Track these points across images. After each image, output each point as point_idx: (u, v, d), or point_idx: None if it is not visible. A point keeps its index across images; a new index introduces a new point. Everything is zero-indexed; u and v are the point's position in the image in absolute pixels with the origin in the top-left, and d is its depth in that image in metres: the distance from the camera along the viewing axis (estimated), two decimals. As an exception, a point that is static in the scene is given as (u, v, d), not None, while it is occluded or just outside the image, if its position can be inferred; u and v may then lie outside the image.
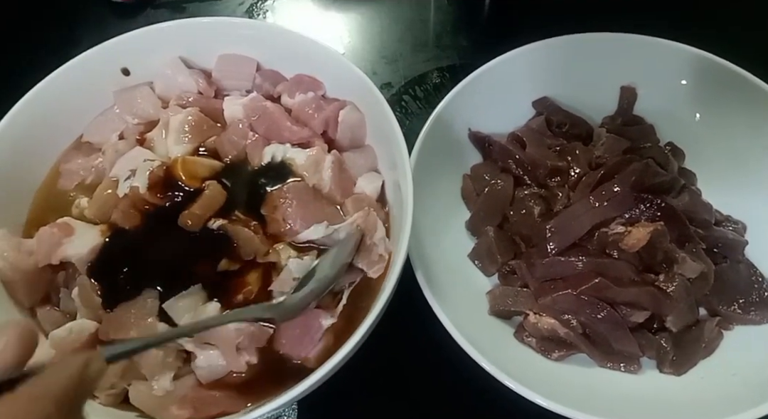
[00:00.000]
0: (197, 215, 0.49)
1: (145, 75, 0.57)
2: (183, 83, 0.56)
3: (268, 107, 0.54)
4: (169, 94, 0.56)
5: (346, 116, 0.53)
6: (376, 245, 0.49)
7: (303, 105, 0.54)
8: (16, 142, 0.51)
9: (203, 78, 0.56)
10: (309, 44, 0.54)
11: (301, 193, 0.51)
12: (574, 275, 0.53)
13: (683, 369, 0.52)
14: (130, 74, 0.56)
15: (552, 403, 0.46)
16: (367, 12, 0.79)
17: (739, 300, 0.55)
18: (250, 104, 0.54)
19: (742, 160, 0.61)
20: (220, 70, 0.57)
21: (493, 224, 0.59)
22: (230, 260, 0.49)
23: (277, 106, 0.55)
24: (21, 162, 0.52)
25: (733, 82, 0.61)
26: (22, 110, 0.51)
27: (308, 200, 0.51)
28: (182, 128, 0.53)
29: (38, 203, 0.53)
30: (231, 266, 0.49)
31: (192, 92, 0.56)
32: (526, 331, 0.55)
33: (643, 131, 0.64)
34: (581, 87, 0.65)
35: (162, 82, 0.56)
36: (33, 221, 0.52)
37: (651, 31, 0.63)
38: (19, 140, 0.51)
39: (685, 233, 0.55)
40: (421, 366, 0.56)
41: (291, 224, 0.50)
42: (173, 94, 0.56)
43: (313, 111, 0.54)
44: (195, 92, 0.56)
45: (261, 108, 0.54)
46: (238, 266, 0.49)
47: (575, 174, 0.60)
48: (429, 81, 0.74)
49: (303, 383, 0.41)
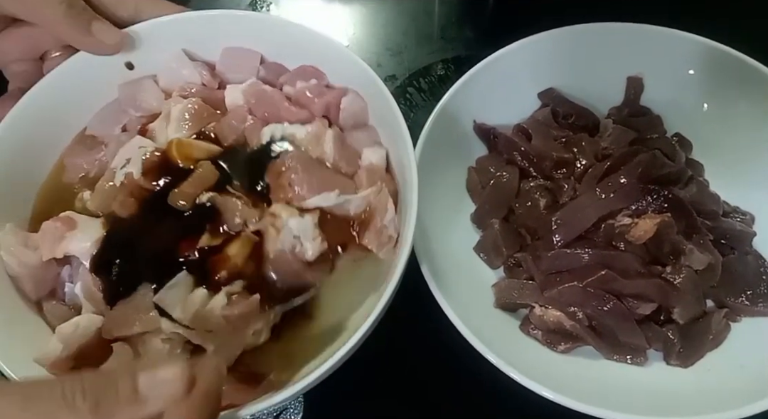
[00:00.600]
0: (187, 194, 0.48)
1: (150, 69, 0.57)
2: (187, 76, 0.55)
3: (266, 91, 0.53)
4: (173, 86, 0.56)
5: (348, 103, 0.53)
6: (386, 227, 0.48)
7: (303, 90, 0.53)
8: (21, 136, 0.51)
9: (207, 70, 0.56)
10: (313, 37, 0.53)
11: (306, 162, 0.50)
12: (580, 268, 0.53)
13: (690, 361, 0.52)
14: (134, 68, 0.56)
15: (558, 395, 0.46)
16: (372, 4, 0.79)
17: (746, 292, 0.54)
18: (249, 89, 0.54)
19: (751, 151, 0.60)
20: (224, 64, 0.57)
21: (499, 216, 0.59)
22: (212, 234, 0.47)
23: (276, 90, 0.55)
24: (26, 156, 0.52)
25: (742, 72, 0.60)
26: (26, 105, 0.51)
27: (314, 168, 0.49)
28: (182, 116, 0.52)
29: (43, 197, 0.53)
30: (213, 241, 0.47)
31: (195, 84, 0.56)
32: (531, 324, 0.55)
33: (650, 122, 0.63)
34: (587, 78, 0.65)
35: (166, 76, 0.56)
36: (39, 216, 0.52)
37: (658, 20, 0.62)
38: (24, 135, 0.51)
39: (692, 225, 0.54)
40: (426, 358, 0.56)
41: (298, 189, 0.48)
42: (177, 87, 0.56)
43: (313, 95, 0.53)
44: (199, 84, 0.56)
45: (259, 92, 0.53)
46: (221, 240, 0.47)
47: (581, 166, 0.59)
48: (434, 73, 0.73)
49: (309, 375, 0.41)
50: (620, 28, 0.63)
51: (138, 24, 0.54)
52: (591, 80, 0.65)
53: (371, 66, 0.51)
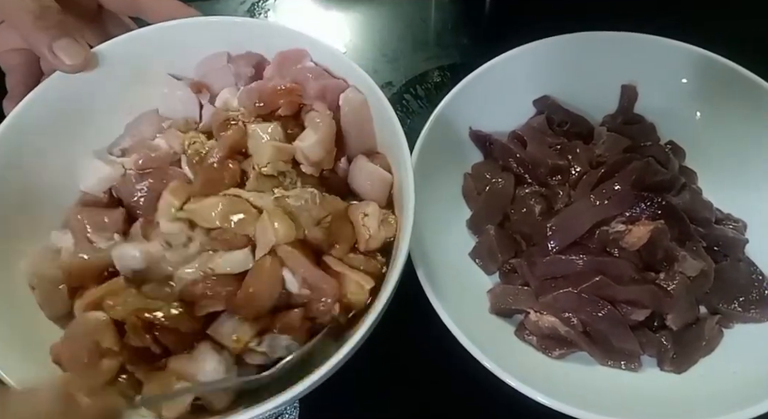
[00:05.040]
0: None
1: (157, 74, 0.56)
2: (183, 97, 0.55)
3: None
4: (174, 113, 0.55)
5: (347, 98, 0.51)
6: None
7: (305, 71, 0.52)
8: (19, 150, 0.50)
9: (196, 86, 0.55)
10: (310, 43, 0.54)
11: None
12: (574, 274, 0.54)
13: (684, 367, 0.52)
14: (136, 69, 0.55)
15: (553, 401, 0.47)
16: (368, 10, 0.79)
17: (739, 298, 0.55)
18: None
19: (743, 158, 0.61)
20: (201, 75, 0.56)
21: (494, 222, 0.59)
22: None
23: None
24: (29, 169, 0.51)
25: (734, 80, 0.61)
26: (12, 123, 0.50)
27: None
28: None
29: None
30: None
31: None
32: (527, 329, 0.55)
33: (643, 130, 0.64)
34: (582, 86, 0.65)
35: (164, 103, 0.56)
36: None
37: (652, 29, 0.63)
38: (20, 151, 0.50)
39: (685, 232, 0.55)
40: (422, 363, 0.56)
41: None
42: (178, 114, 0.55)
43: (312, 76, 0.51)
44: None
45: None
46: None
47: (576, 173, 0.60)
48: (430, 80, 0.74)
49: (304, 381, 0.41)
50: (615, 37, 0.64)
51: (143, 28, 0.54)
52: (586, 88, 0.65)
53: (368, 73, 0.51)
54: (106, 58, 0.52)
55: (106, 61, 0.52)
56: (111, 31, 0.57)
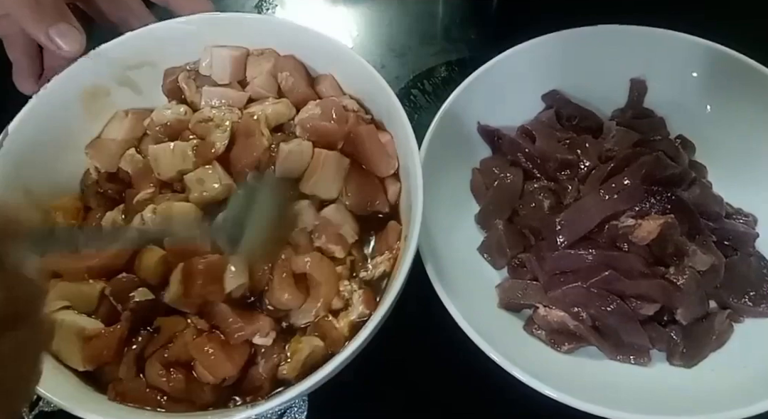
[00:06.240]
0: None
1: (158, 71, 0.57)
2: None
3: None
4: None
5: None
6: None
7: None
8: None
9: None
10: (318, 38, 0.54)
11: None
12: (584, 268, 0.53)
13: (693, 362, 0.52)
14: (135, 70, 0.56)
15: (562, 395, 0.47)
16: (376, 5, 0.79)
17: (749, 293, 0.55)
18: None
19: (753, 152, 0.61)
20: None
21: (503, 217, 0.59)
22: None
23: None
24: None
25: (745, 73, 0.60)
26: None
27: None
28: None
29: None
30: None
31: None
32: (535, 324, 0.55)
33: (653, 124, 0.63)
34: (591, 80, 0.65)
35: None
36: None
37: (661, 23, 0.63)
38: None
39: (695, 226, 0.54)
40: (430, 358, 0.57)
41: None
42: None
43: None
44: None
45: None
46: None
47: (585, 167, 0.60)
48: (438, 75, 0.74)
49: (313, 375, 0.42)
50: (624, 31, 0.63)
51: (151, 25, 0.54)
52: (594, 82, 0.65)
53: (375, 68, 0.52)
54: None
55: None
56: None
